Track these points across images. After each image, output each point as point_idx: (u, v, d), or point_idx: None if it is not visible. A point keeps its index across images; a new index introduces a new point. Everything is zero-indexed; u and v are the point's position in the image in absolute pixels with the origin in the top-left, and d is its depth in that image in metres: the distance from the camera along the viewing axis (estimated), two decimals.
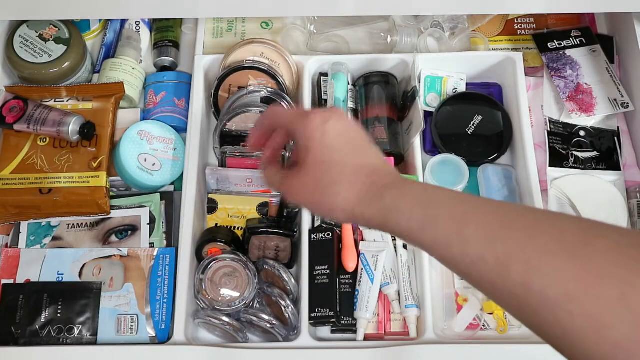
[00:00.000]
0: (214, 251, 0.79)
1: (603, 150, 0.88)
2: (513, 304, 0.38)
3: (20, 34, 0.89)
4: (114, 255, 0.81)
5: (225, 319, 0.75)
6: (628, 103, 0.89)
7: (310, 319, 0.76)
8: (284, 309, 0.76)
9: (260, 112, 0.85)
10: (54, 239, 0.83)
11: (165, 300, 0.78)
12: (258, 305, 0.78)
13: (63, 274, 0.79)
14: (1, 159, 0.85)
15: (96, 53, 0.97)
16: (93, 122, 0.86)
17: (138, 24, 0.98)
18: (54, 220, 0.84)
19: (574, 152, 0.88)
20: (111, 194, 0.85)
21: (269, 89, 0.87)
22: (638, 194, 0.85)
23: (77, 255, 0.81)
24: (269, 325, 0.75)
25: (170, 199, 0.85)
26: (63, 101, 0.88)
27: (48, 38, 0.89)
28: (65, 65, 0.89)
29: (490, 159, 0.87)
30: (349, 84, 0.90)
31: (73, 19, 0.93)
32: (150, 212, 0.84)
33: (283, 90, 0.89)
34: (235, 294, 0.76)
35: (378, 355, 0.73)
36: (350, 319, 0.78)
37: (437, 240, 0.43)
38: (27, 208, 0.83)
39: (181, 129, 0.90)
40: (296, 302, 0.78)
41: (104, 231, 0.83)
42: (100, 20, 0.98)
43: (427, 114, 0.89)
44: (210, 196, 0.83)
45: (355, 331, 0.77)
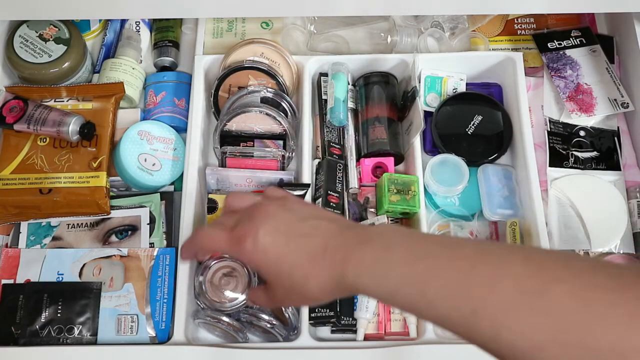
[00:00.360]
0: None
1: (603, 150, 0.88)
2: (487, 350, 0.40)
3: (20, 34, 0.89)
4: (114, 255, 0.81)
5: (225, 319, 0.75)
6: (628, 103, 0.89)
7: (310, 319, 0.76)
8: (283, 309, 0.76)
9: (260, 112, 0.85)
10: (54, 239, 0.83)
11: (165, 300, 0.78)
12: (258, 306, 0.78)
13: (63, 274, 0.79)
14: (1, 159, 0.85)
15: (96, 53, 0.97)
16: (93, 122, 0.86)
17: (138, 24, 0.98)
18: (54, 220, 0.84)
19: (574, 152, 0.88)
20: (111, 194, 0.85)
21: (269, 89, 0.87)
22: (638, 194, 0.85)
23: (77, 255, 0.81)
24: (269, 325, 0.75)
25: (170, 199, 0.85)
26: (63, 101, 0.88)
27: (48, 38, 0.89)
28: (65, 65, 0.89)
29: (490, 159, 0.87)
30: (349, 84, 0.90)
31: (73, 19, 0.93)
32: (150, 212, 0.84)
33: (283, 90, 0.89)
34: (235, 294, 0.76)
35: (378, 355, 0.73)
36: (350, 319, 0.78)
37: (406, 306, 0.45)
38: (27, 208, 0.83)
39: (181, 129, 0.90)
40: None
41: (104, 231, 0.83)
42: (100, 20, 0.98)
43: (427, 114, 0.89)
44: (210, 196, 0.83)
45: (355, 331, 0.77)
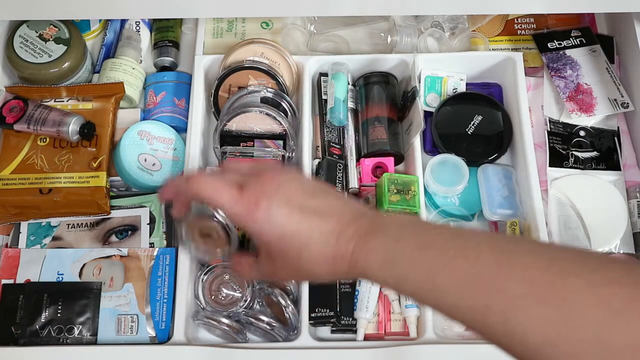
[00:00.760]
0: None
1: (603, 150, 0.88)
2: (498, 345, 0.40)
3: (20, 34, 0.89)
4: (114, 255, 0.81)
5: (225, 320, 0.75)
6: (628, 103, 0.89)
7: (311, 319, 0.76)
8: (284, 309, 0.76)
9: (260, 112, 0.85)
10: (54, 239, 0.83)
11: (165, 300, 0.78)
12: (258, 306, 0.78)
13: (63, 274, 0.79)
14: (1, 159, 0.85)
15: (96, 53, 0.97)
16: (93, 122, 0.86)
17: (138, 24, 0.98)
18: (54, 220, 0.84)
19: (574, 152, 0.88)
20: (111, 194, 0.85)
21: (269, 89, 0.87)
22: (638, 194, 0.85)
23: (77, 255, 0.81)
24: (268, 327, 0.75)
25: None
26: (63, 101, 0.88)
27: (48, 38, 0.89)
28: (65, 65, 0.89)
29: (490, 159, 0.87)
30: (349, 84, 0.90)
31: (73, 19, 0.93)
32: (150, 212, 0.84)
33: (283, 90, 0.89)
34: (236, 295, 0.76)
35: (378, 355, 0.73)
36: (350, 319, 0.78)
37: (414, 295, 0.44)
38: (27, 208, 0.83)
39: (181, 129, 0.90)
40: (296, 302, 0.78)
41: (104, 231, 0.83)
42: (100, 20, 0.98)
43: (427, 114, 0.89)
44: None
45: (355, 331, 0.77)
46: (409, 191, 0.82)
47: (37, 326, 0.76)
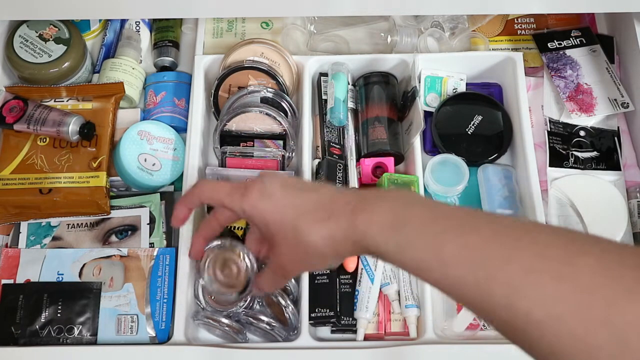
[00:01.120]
0: None
1: (603, 150, 0.88)
2: (499, 323, 0.39)
3: (20, 34, 0.89)
4: (114, 255, 0.81)
5: (225, 320, 0.75)
6: (628, 103, 0.89)
7: (310, 319, 0.76)
8: (284, 309, 0.76)
9: (260, 112, 0.85)
10: (54, 239, 0.83)
11: (165, 300, 0.78)
12: (258, 306, 0.78)
13: (63, 274, 0.79)
14: (1, 159, 0.85)
15: (96, 53, 0.97)
16: (93, 122, 0.86)
17: (138, 24, 0.98)
18: (54, 220, 0.84)
19: (574, 152, 0.88)
20: (111, 194, 0.85)
21: (269, 89, 0.87)
22: (638, 194, 0.85)
23: (77, 255, 0.81)
24: (268, 327, 0.75)
25: (171, 199, 0.85)
26: (63, 101, 0.89)
27: (48, 38, 0.89)
28: (65, 65, 0.89)
29: (490, 159, 0.87)
30: (349, 84, 0.90)
31: (73, 19, 0.93)
32: (150, 212, 0.84)
33: (283, 90, 0.89)
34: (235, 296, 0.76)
35: (378, 355, 0.73)
36: (350, 319, 0.78)
37: (414, 264, 0.43)
38: (27, 208, 0.83)
39: (181, 129, 0.90)
40: (296, 302, 0.78)
41: (104, 231, 0.83)
42: (100, 20, 0.98)
43: (427, 114, 0.89)
44: None
45: (355, 331, 0.77)
46: None
47: (37, 326, 0.76)
